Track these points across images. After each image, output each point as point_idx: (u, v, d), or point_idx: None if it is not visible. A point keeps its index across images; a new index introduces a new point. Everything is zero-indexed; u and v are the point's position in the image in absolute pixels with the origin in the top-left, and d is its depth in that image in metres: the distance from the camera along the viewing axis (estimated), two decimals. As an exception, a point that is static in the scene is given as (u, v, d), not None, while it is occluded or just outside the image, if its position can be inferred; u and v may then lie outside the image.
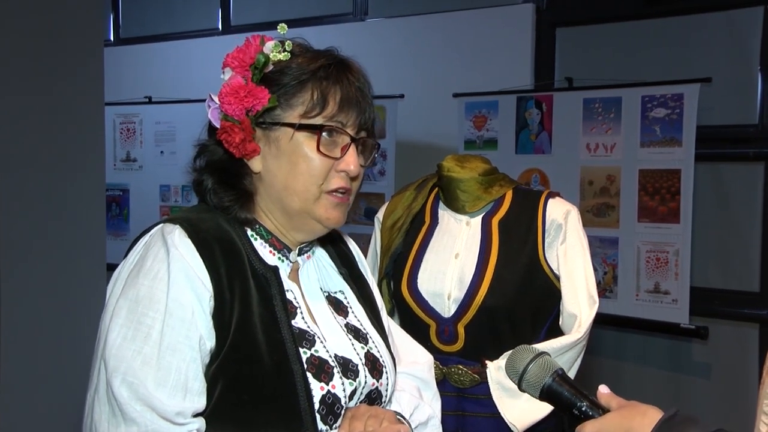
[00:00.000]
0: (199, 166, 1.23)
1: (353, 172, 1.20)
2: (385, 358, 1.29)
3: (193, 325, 1.08)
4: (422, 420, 1.36)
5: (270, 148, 1.18)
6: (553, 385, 1.14)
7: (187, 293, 1.08)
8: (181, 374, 1.06)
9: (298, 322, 1.19)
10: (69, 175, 2.64)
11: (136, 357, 1.05)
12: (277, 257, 1.23)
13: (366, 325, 1.31)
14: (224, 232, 1.17)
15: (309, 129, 1.17)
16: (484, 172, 2.01)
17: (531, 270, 1.93)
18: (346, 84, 1.19)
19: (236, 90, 1.16)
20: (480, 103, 4.09)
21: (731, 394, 3.64)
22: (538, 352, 1.18)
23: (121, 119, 5.24)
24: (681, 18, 3.84)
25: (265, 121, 1.18)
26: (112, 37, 5.93)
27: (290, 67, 1.18)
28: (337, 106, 1.18)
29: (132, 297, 1.08)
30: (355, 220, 4.36)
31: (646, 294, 3.60)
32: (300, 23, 4.87)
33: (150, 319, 1.07)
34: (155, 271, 1.09)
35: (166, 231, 1.13)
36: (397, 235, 2.05)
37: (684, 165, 3.46)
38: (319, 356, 1.17)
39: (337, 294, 1.32)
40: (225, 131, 1.16)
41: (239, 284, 1.13)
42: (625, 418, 1.05)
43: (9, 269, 2.46)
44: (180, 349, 1.07)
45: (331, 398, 1.15)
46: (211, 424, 1.10)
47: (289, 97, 1.17)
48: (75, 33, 2.66)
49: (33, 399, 2.53)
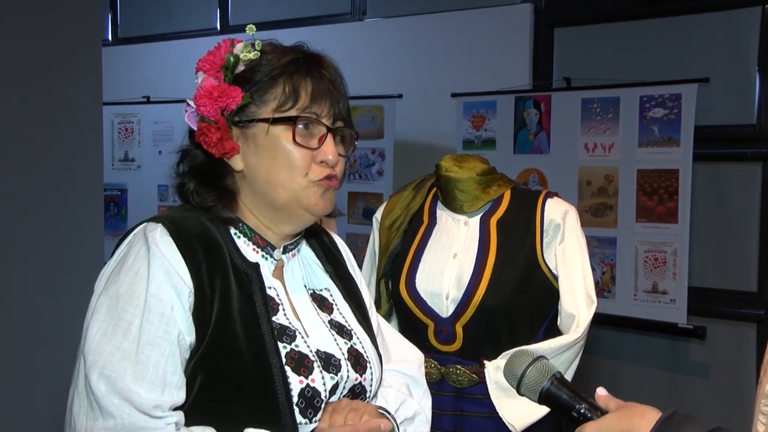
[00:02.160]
0: (182, 171, 1.26)
1: (332, 161, 1.21)
2: (369, 354, 1.30)
3: (172, 320, 1.09)
4: (408, 415, 1.35)
5: (249, 146, 1.20)
6: (551, 388, 1.15)
7: (166, 289, 1.10)
8: (160, 368, 1.08)
9: (280, 318, 1.20)
10: (67, 174, 2.64)
11: (115, 352, 1.06)
12: (261, 255, 1.24)
13: (351, 322, 1.32)
14: (206, 230, 1.19)
15: (283, 122, 1.18)
16: (482, 172, 2.01)
17: (529, 270, 1.93)
18: (317, 76, 1.21)
19: (209, 91, 1.18)
20: (478, 103, 4.09)
21: (729, 393, 3.65)
22: (536, 356, 1.19)
23: (119, 119, 5.24)
24: (679, 18, 3.84)
25: (240, 119, 1.20)
26: (110, 36, 5.93)
27: (261, 65, 1.20)
28: (309, 97, 1.20)
29: (113, 294, 1.10)
30: (353, 220, 4.36)
31: (644, 294, 3.60)
32: (298, 23, 4.87)
33: (129, 315, 1.09)
34: (136, 269, 1.11)
35: (148, 230, 1.15)
36: (395, 235, 2.05)
37: (682, 165, 3.46)
38: (299, 351, 1.18)
39: (322, 291, 1.33)
40: (202, 132, 1.19)
41: (220, 280, 1.15)
42: (624, 419, 1.06)
43: (7, 268, 2.46)
44: (159, 343, 1.08)
45: (311, 392, 1.17)
46: (191, 417, 1.11)
47: (262, 93, 1.19)
48: (73, 33, 2.66)
49: (30, 398, 2.53)
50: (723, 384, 3.71)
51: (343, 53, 1.27)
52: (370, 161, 4.36)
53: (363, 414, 1.18)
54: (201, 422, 1.11)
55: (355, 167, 4.37)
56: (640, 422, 1.04)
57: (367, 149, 4.35)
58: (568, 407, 1.13)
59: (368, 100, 4.24)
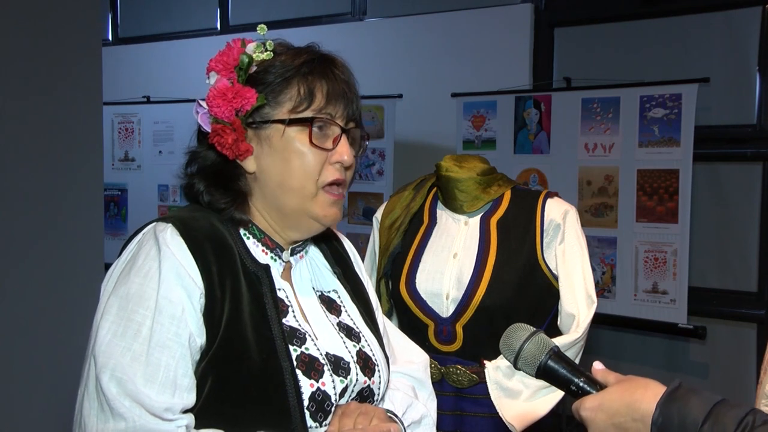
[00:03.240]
0: (191, 172, 1.24)
1: (347, 162, 1.21)
2: (377, 357, 1.29)
3: (183, 322, 1.08)
4: (416, 419, 1.35)
5: (263, 147, 1.19)
6: (549, 362, 1.14)
7: (177, 290, 1.09)
8: (171, 371, 1.07)
9: (290, 320, 1.20)
10: (67, 174, 2.64)
11: (126, 353, 1.06)
12: (270, 256, 1.23)
13: (359, 324, 1.32)
14: (216, 231, 1.17)
15: (300, 123, 1.18)
16: (482, 172, 2.01)
17: (529, 270, 1.93)
18: (332, 77, 1.21)
19: (223, 92, 1.17)
20: (478, 103, 4.10)
21: (729, 393, 3.63)
22: (533, 330, 1.18)
23: (119, 119, 5.24)
24: (679, 18, 3.84)
25: (255, 120, 1.18)
26: (110, 36, 5.93)
27: (274, 65, 1.19)
28: (324, 98, 1.19)
29: (123, 294, 1.09)
30: (353, 220, 4.36)
31: (644, 294, 3.60)
32: (298, 23, 4.88)
33: (140, 316, 1.07)
34: (146, 269, 1.10)
35: (158, 229, 1.13)
36: (395, 235, 2.05)
37: (682, 165, 3.47)
38: (309, 354, 1.18)
39: (330, 293, 1.33)
40: (217, 134, 1.17)
41: (230, 282, 1.14)
42: (627, 392, 1.05)
43: (7, 268, 2.46)
44: (169, 345, 1.07)
45: (321, 395, 1.16)
46: (201, 420, 1.10)
47: (276, 94, 1.18)
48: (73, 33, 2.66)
49: (30, 398, 2.53)
50: (723, 384, 3.72)
51: (343, 53, 1.27)
52: (370, 161, 4.36)
53: (372, 418, 1.17)
54: (211, 424, 1.10)
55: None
56: (643, 394, 1.03)
57: (367, 149, 4.35)
58: (566, 381, 1.13)
59: (368, 100, 4.24)
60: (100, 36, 2.94)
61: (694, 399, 1.00)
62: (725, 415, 0.97)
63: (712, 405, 0.98)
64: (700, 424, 0.97)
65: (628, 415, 1.03)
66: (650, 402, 1.01)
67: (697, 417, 0.97)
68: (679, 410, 0.99)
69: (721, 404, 0.99)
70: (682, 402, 1.00)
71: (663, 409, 1.00)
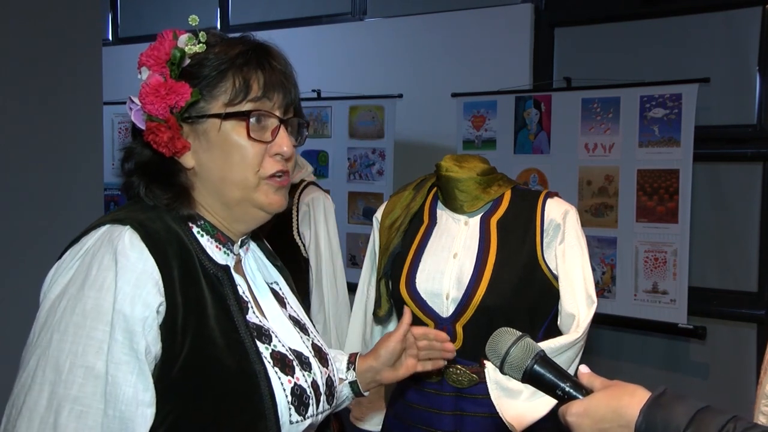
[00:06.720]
0: (128, 169, 1.19)
1: (287, 153, 1.18)
2: (325, 348, 1.32)
3: (140, 335, 1.04)
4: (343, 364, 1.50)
5: (200, 142, 1.16)
6: (535, 367, 1.14)
7: (134, 303, 1.04)
8: (130, 387, 1.03)
9: (251, 317, 1.18)
10: (67, 174, 2.64)
11: (88, 375, 1.01)
12: (223, 251, 1.20)
13: (302, 316, 1.33)
14: (173, 233, 1.13)
15: (236, 116, 1.14)
16: (482, 171, 2.01)
17: (529, 270, 1.93)
18: (268, 67, 1.17)
19: (156, 89, 1.13)
20: (478, 103, 4.10)
21: (729, 393, 3.65)
22: (519, 335, 1.18)
23: (119, 119, 5.24)
24: (679, 18, 3.84)
25: (190, 115, 1.15)
26: (110, 36, 5.93)
27: (208, 58, 1.16)
28: (261, 89, 1.16)
29: (79, 311, 1.03)
30: (353, 220, 4.36)
31: (644, 294, 3.60)
32: (298, 23, 4.88)
33: (101, 333, 1.03)
34: (101, 281, 1.04)
35: (114, 235, 1.08)
36: (395, 235, 2.05)
37: (682, 165, 3.47)
38: (278, 351, 1.18)
39: (273, 285, 1.32)
40: (151, 132, 1.13)
41: (193, 288, 1.10)
42: (613, 398, 1.05)
43: (6, 268, 2.46)
44: (126, 361, 1.03)
45: (299, 390, 1.17)
46: (176, 429, 1.07)
47: (211, 88, 1.15)
48: (73, 32, 2.66)
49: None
50: (723, 384, 3.71)
51: (343, 53, 1.27)
52: (370, 161, 4.36)
53: None
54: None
55: (355, 167, 4.37)
56: (629, 401, 1.03)
57: (367, 149, 4.36)
58: (552, 386, 1.13)
59: (368, 100, 4.24)
60: (100, 36, 2.94)
61: (678, 405, 1.00)
62: (707, 422, 0.97)
63: (695, 411, 0.99)
64: (682, 430, 0.97)
65: (614, 421, 1.03)
66: (636, 408, 1.02)
67: (680, 423, 0.98)
68: (662, 416, 0.99)
69: (704, 411, 0.99)
70: (665, 408, 1.00)
71: (647, 415, 1.01)
